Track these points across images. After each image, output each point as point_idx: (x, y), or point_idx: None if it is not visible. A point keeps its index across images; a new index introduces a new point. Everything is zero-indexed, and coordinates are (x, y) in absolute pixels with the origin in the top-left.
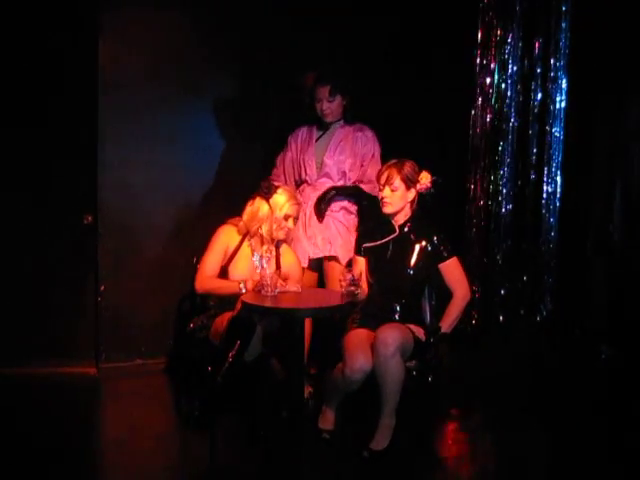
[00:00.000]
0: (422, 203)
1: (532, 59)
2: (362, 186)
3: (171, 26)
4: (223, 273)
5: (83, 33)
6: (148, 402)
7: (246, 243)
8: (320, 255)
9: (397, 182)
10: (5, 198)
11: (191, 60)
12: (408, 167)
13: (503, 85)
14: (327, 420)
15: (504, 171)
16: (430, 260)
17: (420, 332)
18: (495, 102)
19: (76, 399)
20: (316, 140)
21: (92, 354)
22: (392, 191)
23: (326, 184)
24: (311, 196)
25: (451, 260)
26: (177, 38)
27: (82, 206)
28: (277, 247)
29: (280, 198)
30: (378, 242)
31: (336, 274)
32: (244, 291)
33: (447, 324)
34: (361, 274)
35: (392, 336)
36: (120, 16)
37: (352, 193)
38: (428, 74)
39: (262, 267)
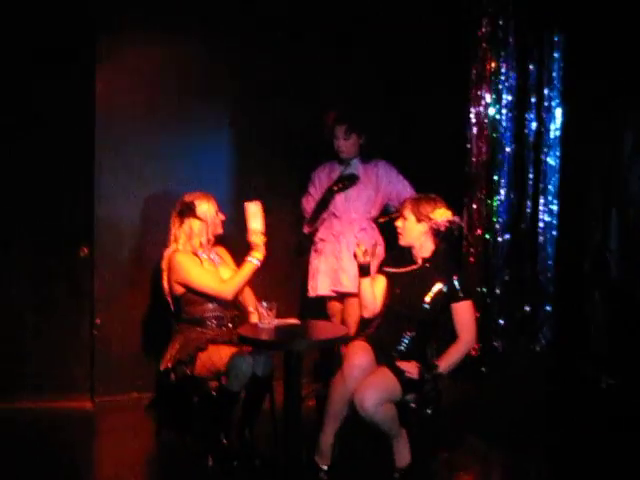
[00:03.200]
0: (448, 241)
1: (526, 89)
2: None
3: (168, 57)
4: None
5: (80, 64)
6: (144, 436)
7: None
8: (349, 290)
9: (407, 212)
10: (0, 230)
11: (187, 92)
12: (424, 200)
13: (498, 115)
14: (324, 455)
15: (500, 200)
16: (445, 299)
17: (414, 369)
18: (490, 132)
19: (71, 433)
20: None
21: (87, 387)
22: (403, 220)
23: (353, 215)
24: (339, 229)
25: (464, 302)
26: (174, 69)
27: (78, 238)
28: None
29: (203, 205)
30: (399, 269)
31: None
32: (256, 262)
33: (445, 364)
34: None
35: (369, 398)
36: (117, 47)
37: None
38: (425, 106)
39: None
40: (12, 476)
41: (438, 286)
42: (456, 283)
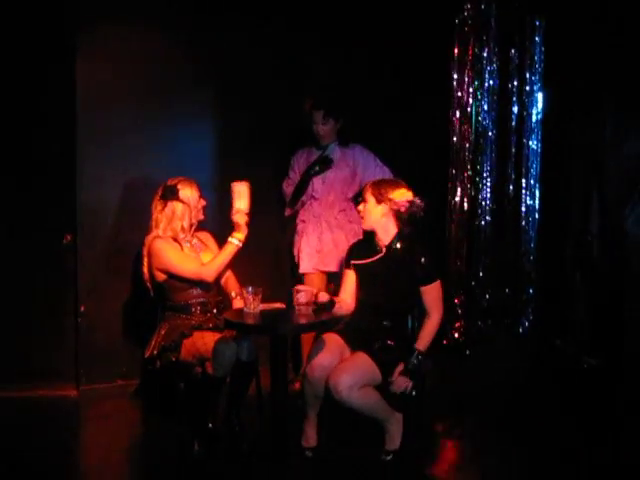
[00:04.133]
0: (412, 224)
1: (508, 73)
2: None
3: (149, 45)
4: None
5: (61, 53)
6: (130, 423)
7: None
8: (333, 270)
9: (368, 195)
10: None
11: (169, 78)
12: (385, 182)
13: (480, 99)
14: (309, 437)
15: (483, 184)
16: (414, 281)
17: (402, 380)
18: (473, 116)
19: (57, 421)
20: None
21: (72, 376)
22: (364, 203)
23: (331, 197)
24: (319, 211)
25: (433, 284)
26: (155, 57)
27: (61, 226)
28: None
29: (186, 189)
30: (366, 260)
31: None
32: (237, 242)
33: (422, 344)
34: (317, 293)
35: (342, 382)
36: (98, 34)
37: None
38: (407, 92)
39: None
40: None
41: (405, 267)
42: (423, 266)
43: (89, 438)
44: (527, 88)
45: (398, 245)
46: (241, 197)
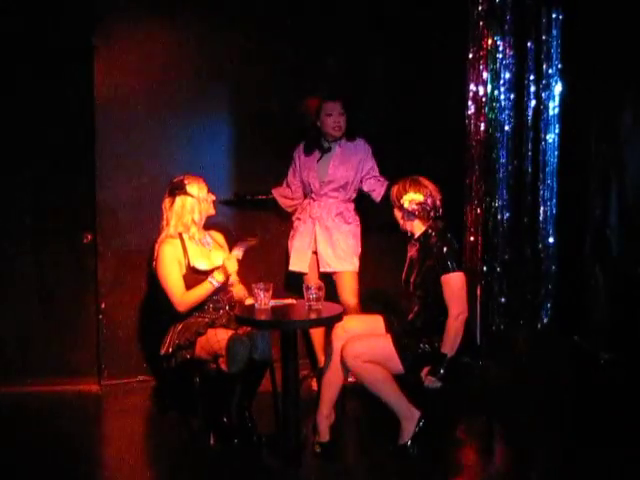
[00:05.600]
0: (436, 218)
1: (524, 66)
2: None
3: (168, 42)
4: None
5: (79, 50)
6: (151, 419)
7: (187, 242)
8: (329, 270)
9: (392, 200)
10: (4, 218)
11: (186, 77)
12: (399, 187)
13: (496, 93)
14: (321, 430)
15: (499, 179)
16: (435, 273)
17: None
18: (489, 110)
19: (78, 416)
20: (318, 160)
21: (94, 371)
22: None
23: (329, 199)
24: (317, 210)
25: (453, 274)
26: (171, 54)
27: (82, 225)
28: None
29: (193, 185)
30: (411, 253)
31: (347, 284)
32: (216, 284)
33: (448, 348)
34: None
35: (351, 348)
36: (116, 32)
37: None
38: (423, 85)
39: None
40: (21, 459)
41: (428, 262)
42: (443, 255)
43: (110, 432)
44: (544, 81)
45: (430, 237)
46: (242, 248)
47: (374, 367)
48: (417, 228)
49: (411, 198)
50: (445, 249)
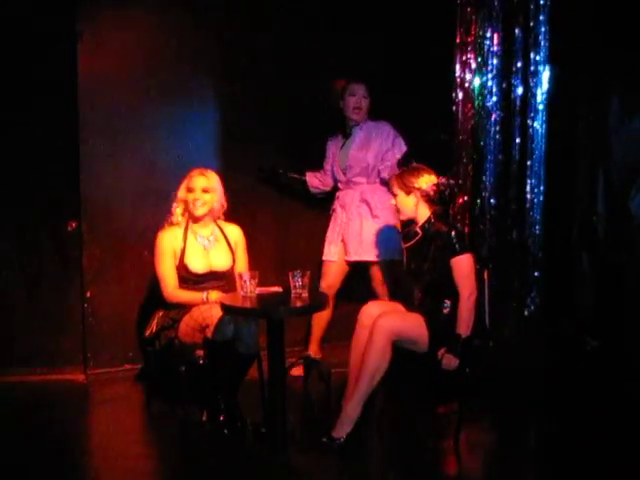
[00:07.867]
0: (443, 203)
1: (512, 53)
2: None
3: (152, 28)
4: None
5: (62, 40)
6: (137, 407)
7: (190, 235)
8: (353, 260)
9: (395, 189)
10: None
11: (172, 63)
12: (407, 173)
13: (483, 80)
14: (344, 424)
15: (487, 166)
16: (444, 255)
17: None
18: (476, 97)
19: (65, 406)
20: (341, 147)
21: (79, 360)
22: (395, 197)
23: (355, 185)
24: (343, 199)
25: (462, 256)
26: (158, 40)
27: (66, 212)
28: (218, 225)
29: (190, 179)
30: (410, 243)
31: (375, 274)
32: (205, 300)
33: (463, 329)
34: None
35: (385, 319)
36: (99, 19)
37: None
38: (410, 72)
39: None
40: (6, 448)
41: (436, 244)
42: (451, 238)
43: (96, 421)
44: (532, 68)
45: (432, 224)
46: (261, 291)
47: (389, 355)
48: (423, 214)
49: (427, 179)
50: (452, 232)
